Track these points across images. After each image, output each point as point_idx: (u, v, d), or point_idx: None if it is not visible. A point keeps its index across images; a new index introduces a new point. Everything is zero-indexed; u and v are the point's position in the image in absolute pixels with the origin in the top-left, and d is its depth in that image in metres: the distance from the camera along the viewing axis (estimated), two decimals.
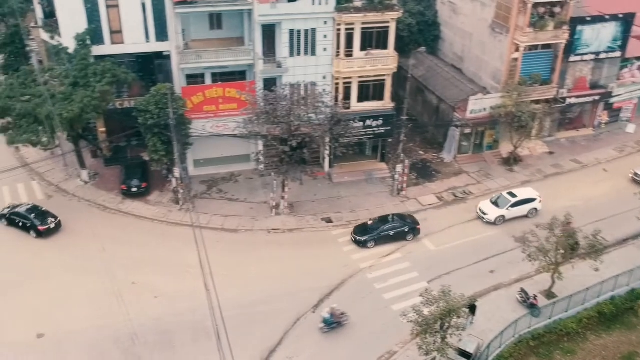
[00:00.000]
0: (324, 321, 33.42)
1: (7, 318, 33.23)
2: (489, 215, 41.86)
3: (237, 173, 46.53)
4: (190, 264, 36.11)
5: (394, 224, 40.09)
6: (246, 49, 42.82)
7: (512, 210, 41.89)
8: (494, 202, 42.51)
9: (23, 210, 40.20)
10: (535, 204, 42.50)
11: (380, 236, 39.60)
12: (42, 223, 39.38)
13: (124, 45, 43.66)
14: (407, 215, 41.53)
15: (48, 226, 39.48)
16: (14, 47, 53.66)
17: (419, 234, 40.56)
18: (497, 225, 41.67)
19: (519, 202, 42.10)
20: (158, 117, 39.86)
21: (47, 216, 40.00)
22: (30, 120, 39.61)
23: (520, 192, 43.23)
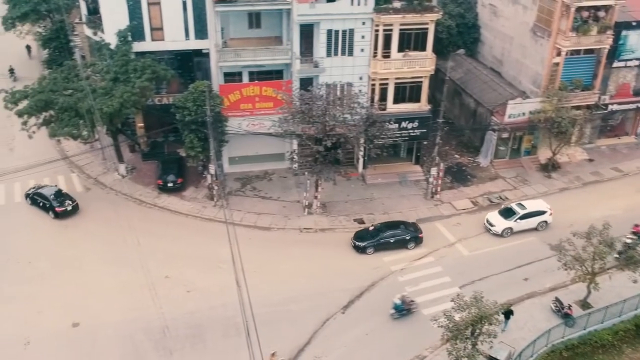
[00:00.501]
0: (394, 307, 33.89)
1: (45, 306, 34.11)
2: (496, 227, 40.63)
3: (271, 171, 46.78)
4: (223, 259, 36.48)
5: (394, 231, 39.42)
6: (284, 49, 43.01)
7: (521, 222, 40.56)
8: (501, 214, 41.30)
9: (44, 192, 42.24)
10: (545, 216, 41.03)
11: (379, 243, 38.96)
12: (60, 205, 41.21)
13: (164, 42, 44.33)
14: (410, 223, 40.69)
15: (65, 208, 41.31)
16: (59, 42, 55.11)
17: (421, 242, 39.72)
18: (504, 237, 40.53)
19: (528, 215, 40.69)
20: (195, 113, 40.35)
21: (65, 199, 41.86)
22: (71, 114, 40.54)
23: (530, 204, 41.71)
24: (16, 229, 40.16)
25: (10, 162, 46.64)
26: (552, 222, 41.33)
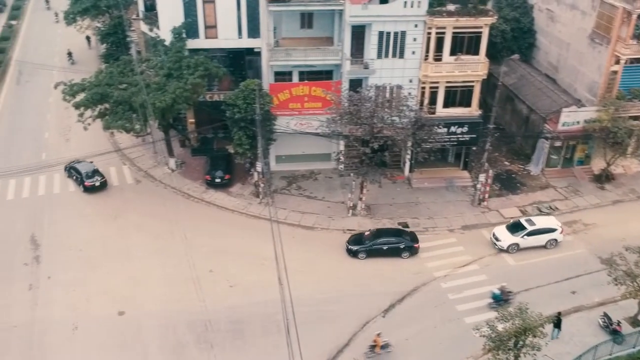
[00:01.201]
0: (493, 296, 34.31)
1: (94, 293, 35.16)
2: (501, 242, 39.09)
3: (317, 171, 46.91)
4: (266, 256, 36.75)
5: (388, 238, 38.59)
6: (334, 49, 43.07)
7: (528, 239, 38.92)
8: (509, 228, 39.68)
9: (79, 166, 45.20)
10: (555, 234, 39.21)
11: (372, 249, 38.33)
12: (89, 180, 43.83)
13: (217, 40, 45.10)
14: (408, 232, 39.73)
15: (93, 183, 44.08)
16: (116, 38, 56.73)
17: (416, 252, 38.70)
18: (510, 253, 39.04)
19: (536, 232, 38.98)
20: (245, 111, 40.83)
21: (95, 175, 44.51)
22: (125, 108, 41.64)
23: (539, 220, 40.05)
24: (69, 217, 41.53)
25: (66, 152, 48.47)
26: (604, 235, 40.05)
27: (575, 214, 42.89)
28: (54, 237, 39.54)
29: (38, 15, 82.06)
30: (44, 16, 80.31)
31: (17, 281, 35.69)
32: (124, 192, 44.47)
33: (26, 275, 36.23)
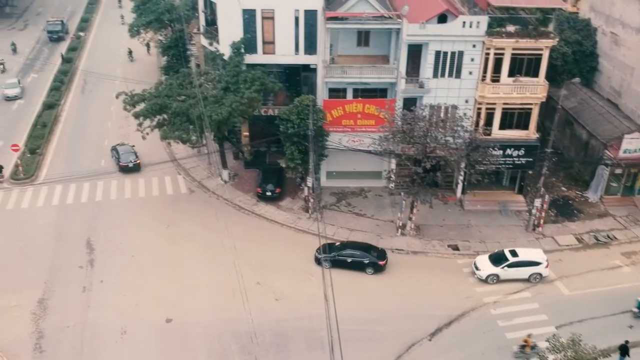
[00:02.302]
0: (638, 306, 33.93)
1: (144, 298, 35.87)
2: (480, 272, 37.75)
3: (367, 189, 46.73)
4: (313, 271, 36.92)
5: (353, 251, 38.31)
6: (390, 67, 43.02)
7: (509, 270, 37.41)
8: (491, 258, 38.25)
9: (120, 148, 49.84)
10: (539, 268, 37.59)
11: (336, 259, 37.99)
12: (123, 161, 48.43)
13: (275, 55, 45.74)
14: (377, 249, 39.20)
15: (127, 164, 48.35)
16: (177, 51, 58.37)
17: (381, 270, 38.14)
18: (489, 284, 37.63)
19: (519, 264, 37.46)
20: (298, 126, 41.19)
21: (130, 156, 48.90)
22: (183, 119, 42.66)
23: (524, 252, 38.45)
24: (124, 223, 42.66)
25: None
26: None
27: (635, 245, 41.22)
28: (109, 242, 40.66)
29: (104, 28, 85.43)
30: (110, 28, 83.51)
31: (72, 283, 36.81)
32: (178, 201, 45.41)
33: (81, 277, 37.33)
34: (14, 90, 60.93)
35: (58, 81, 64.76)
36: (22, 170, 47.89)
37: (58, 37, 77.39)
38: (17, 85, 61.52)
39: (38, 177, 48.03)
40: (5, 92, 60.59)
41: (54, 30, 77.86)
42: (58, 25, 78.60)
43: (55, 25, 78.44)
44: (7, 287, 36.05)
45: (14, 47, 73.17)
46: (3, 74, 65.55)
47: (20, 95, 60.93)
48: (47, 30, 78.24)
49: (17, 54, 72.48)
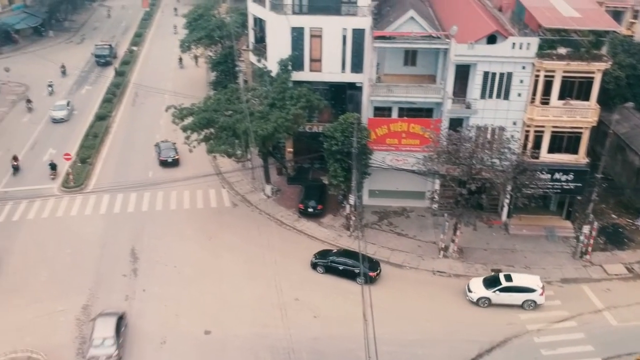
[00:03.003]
0: None
1: (184, 309, 36.23)
2: (472, 294, 37.13)
3: (410, 208, 46.30)
4: (352, 290, 36.61)
5: (346, 260, 38.56)
6: (437, 87, 42.76)
7: (501, 295, 36.63)
8: (485, 281, 37.58)
9: (161, 145, 53.63)
10: (533, 295, 36.52)
11: (329, 266, 38.86)
12: (163, 156, 52.23)
13: (321, 73, 46.16)
14: (371, 260, 38.93)
15: (166, 159, 52.05)
16: (226, 66, 59.54)
17: (371, 281, 37.48)
18: (480, 307, 36.71)
19: (511, 289, 36.59)
20: (342, 144, 41.24)
21: (170, 152, 52.40)
22: (229, 133, 43.29)
23: (519, 277, 37.48)
24: (168, 234, 43.38)
25: (171, 172, 51.03)
26: None
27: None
28: (152, 252, 41.38)
29: (156, 43, 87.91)
30: (162, 43, 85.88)
31: (115, 291, 37.53)
32: (221, 214, 45.94)
33: (124, 286, 38.05)
34: (61, 112, 60.77)
35: (110, 93, 66.86)
36: (73, 179, 49.38)
37: (105, 61, 77.10)
38: (65, 108, 61.45)
39: (87, 186, 49.43)
40: (53, 114, 60.62)
41: (102, 55, 77.67)
42: (106, 49, 78.37)
43: (103, 50, 78.22)
44: (54, 292, 37.02)
45: (63, 69, 73.31)
46: (51, 96, 65.81)
47: (66, 118, 60.75)
48: (95, 55, 78.13)
49: (67, 76, 72.77)
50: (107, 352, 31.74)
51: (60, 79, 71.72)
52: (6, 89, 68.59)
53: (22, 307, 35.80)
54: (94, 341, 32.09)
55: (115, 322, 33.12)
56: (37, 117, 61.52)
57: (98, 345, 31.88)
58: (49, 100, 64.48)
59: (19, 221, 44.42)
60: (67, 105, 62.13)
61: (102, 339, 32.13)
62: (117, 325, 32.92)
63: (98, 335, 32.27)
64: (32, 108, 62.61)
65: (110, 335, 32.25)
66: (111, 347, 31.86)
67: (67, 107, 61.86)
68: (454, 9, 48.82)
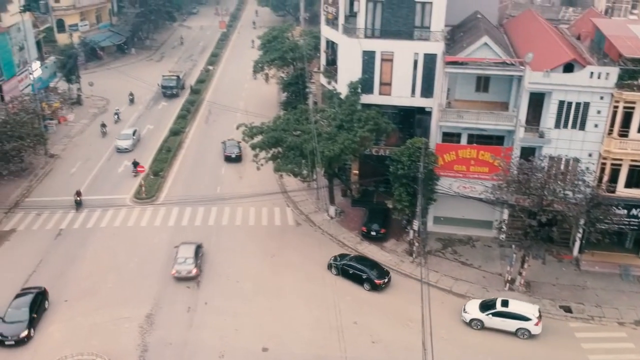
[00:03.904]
0: None
1: (243, 325, 36.56)
2: (466, 314, 36.77)
3: (476, 238, 45.18)
4: (412, 317, 35.92)
5: (357, 265, 40.00)
6: (509, 115, 41.82)
7: (494, 319, 35.93)
8: (481, 304, 37.02)
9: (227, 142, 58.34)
10: (527, 324, 35.50)
11: (342, 268, 40.26)
12: (228, 152, 57.67)
13: (390, 97, 46.15)
14: (381, 268, 40.38)
15: (230, 154, 57.28)
16: (296, 87, 60.57)
17: (377, 289, 39.03)
18: (473, 329, 36.04)
19: (505, 314, 35.73)
20: (408, 168, 40.89)
21: (234, 149, 57.41)
22: (296, 153, 43.82)
23: (516, 304, 36.52)
24: (232, 249, 44.10)
25: (238, 189, 52.09)
26: None
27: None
28: (216, 265, 42.13)
29: (231, 63, 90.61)
30: (236, 63, 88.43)
31: (178, 302, 38.39)
32: (285, 232, 46.34)
33: (187, 297, 38.86)
34: (125, 142, 59.26)
35: (185, 110, 69.26)
36: (145, 191, 51.21)
37: (172, 93, 74.24)
38: (131, 137, 59.92)
39: (158, 198, 51.13)
40: (117, 144, 59.33)
41: (168, 86, 74.46)
42: (173, 80, 75.06)
43: (170, 81, 74.92)
44: (120, 299, 38.28)
45: (131, 97, 72.54)
46: (117, 124, 65.00)
47: (131, 148, 58.98)
48: (162, 86, 74.85)
49: (134, 104, 72.01)
50: (188, 268, 39.83)
51: (128, 107, 71.33)
52: (89, 102, 72.36)
53: (91, 311, 37.19)
54: (178, 259, 40.11)
55: (194, 248, 41.16)
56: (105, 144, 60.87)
57: (181, 263, 39.92)
58: (116, 128, 64.21)
59: (92, 228, 46.39)
60: (132, 134, 60.73)
61: (184, 258, 40.17)
62: (195, 251, 40.89)
63: (181, 255, 40.36)
64: (106, 132, 62.67)
65: (191, 256, 40.31)
66: (191, 265, 39.97)
67: (133, 136, 60.44)
68: (530, 36, 47.89)
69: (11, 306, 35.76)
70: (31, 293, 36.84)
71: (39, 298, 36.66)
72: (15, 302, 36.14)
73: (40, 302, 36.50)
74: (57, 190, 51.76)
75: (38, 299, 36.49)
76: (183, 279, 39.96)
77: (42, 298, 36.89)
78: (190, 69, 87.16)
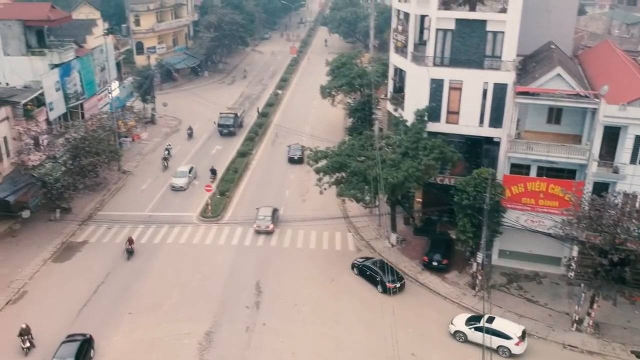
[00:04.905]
0: None
1: (300, 348, 36.51)
2: (452, 326, 37.59)
3: (542, 274, 43.58)
4: (471, 353, 34.95)
5: (374, 267, 42.41)
6: (581, 148, 40.44)
7: (476, 334, 35.95)
8: (470, 317, 37.70)
9: (291, 145, 63.80)
10: (508, 342, 35.59)
11: (361, 268, 43.17)
12: (291, 154, 62.92)
13: (457, 126, 45.62)
14: (396, 273, 42.10)
15: (293, 157, 62.74)
16: (363, 114, 60.93)
17: (388, 292, 40.18)
18: (457, 341, 36.80)
19: (487, 330, 34.88)
20: (474, 199, 40.10)
21: (297, 152, 62.60)
22: (359, 179, 43.85)
23: (500, 322, 36.72)
24: (292, 272, 44.34)
25: (301, 211, 52.57)
26: None
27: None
28: (276, 287, 42.44)
29: (300, 87, 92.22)
30: (305, 88, 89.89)
31: (237, 321, 38.83)
32: (344, 257, 46.21)
33: (246, 317, 39.25)
34: (181, 180, 56.57)
35: (253, 132, 70.84)
36: (211, 210, 52.45)
37: (229, 132, 70.37)
38: (186, 175, 57.23)
39: (223, 218, 52.24)
40: (172, 181, 56.78)
41: (225, 125, 70.45)
42: (230, 119, 70.97)
43: (227, 119, 70.88)
44: (182, 315, 39.09)
45: (190, 131, 70.29)
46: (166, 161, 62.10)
47: (186, 186, 56.48)
48: (218, 124, 71.09)
49: (193, 138, 69.81)
50: (266, 223, 49.28)
51: (186, 142, 68.97)
52: (162, 122, 75.26)
53: (154, 325, 38.16)
54: (259, 217, 49.60)
55: (272, 210, 50.59)
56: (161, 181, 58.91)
57: (261, 219, 49.42)
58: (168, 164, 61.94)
59: (159, 244, 47.82)
60: (189, 172, 57.79)
61: (264, 216, 49.64)
62: (272, 212, 50.34)
63: (261, 214, 49.86)
64: (168, 167, 61.06)
65: (269, 215, 49.77)
66: (269, 222, 49.40)
67: (189, 174, 57.65)
68: (605, 68, 46.38)
69: (56, 356, 33.60)
70: (77, 341, 34.68)
71: (85, 346, 34.48)
72: (60, 351, 33.91)
73: (86, 351, 34.35)
74: (128, 205, 53.83)
75: (84, 348, 34.32)
76: (262, 232, 49.01)
77: (87, 346, 34.71)
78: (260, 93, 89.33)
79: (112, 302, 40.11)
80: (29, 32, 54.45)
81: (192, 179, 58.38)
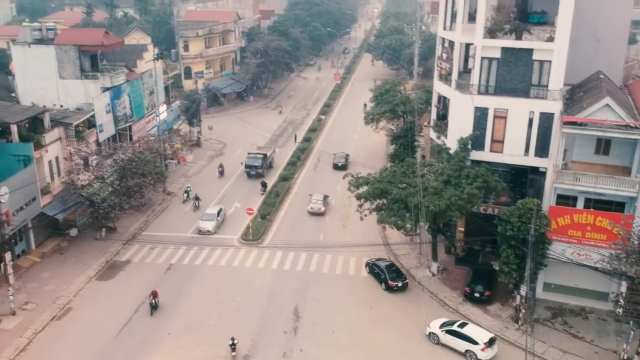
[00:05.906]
0: None
1: None
2: (428, 328, 39.37)
3: (589, 309, 42.10)
4: None
5: (380, 265, 45.78)
6: (631, 181, 39.25)
7: (447, 337, 38.16)
8: (445, 321, 39.46)
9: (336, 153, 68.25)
10: (474, 347, 36.74)
11: (371, 266, 46.44)
12: (336, 161, 68.84)
13: (502, 155, 44.97)
14: (401, 274, 45.17)
15: (337, 163, 68.60)
16: (405, 140, 60.70)
17: (390, 289, 43.97)
18: (431, 342, 38.56)
19: (455, 333, 37.84)
20: (518, 230, 39.25)
21: (341, 159, 69.20)
22: (400, 206, 43.54)
23: (471, 328, 38.32)
24: (331, 298, 44.08)
25: (341, 237, 52.44)
26: None
27: None
28: (314, 313, 42.24)
29: (343, 113, 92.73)
30: (347, 114, 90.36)
31: (274, 346, 38.75)
32: None
33: (283, 342, 39.13)
34: (208, 224, 53.14)
35: (295, 157, 71.45)
36: (252, 233, 52.84)
37: (256, 173, 65.44)
38: (214, 218, 53.71)
39: (264, 241, 52.54)
40: (200, 225, 53.32)
41: (253, 166, 65.63)
42: (259, 160, 66.03)
43: (256, 160, 66.03)
44: (220, 336, 39.21)
45: (221, 169, 66.70)
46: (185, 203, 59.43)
47: (214, 230, 52.91)
48: (245, 165, 66.37)
49: (224, 177, 66.42)
50: (318, 206, 57.33)
51: (218, 180, 65.81)
52: (207, 145, 76.70)
53: (192, 346, 38.42)
54: (312, 200, 57.81)
55: (323, 195, 58.80)
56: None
57: (315, 202, 57.49)
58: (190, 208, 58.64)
59: (200, 265, 48.37)
60: (217, 215, 54.36)
61: (317, 200, 57.77)
62: (324, 197, 58.56)
63: (315, 198, 58.08)
64: (199, 207, 57.77)
65: (321, 199, 58.11)
66: (321, 204, 57.51)
67: (217, 217, 54.20)
68: None
69: None
70: None
71: None
72: None
73: None
74: (171, 226, 54.79)
75: None
76: (315, 213, 56.79)
77: None
78: (304, 118, 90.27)
79: (153, 322, 40.63)
80: (84, 57, 56.72)
81: (220, 222, 54.57)
